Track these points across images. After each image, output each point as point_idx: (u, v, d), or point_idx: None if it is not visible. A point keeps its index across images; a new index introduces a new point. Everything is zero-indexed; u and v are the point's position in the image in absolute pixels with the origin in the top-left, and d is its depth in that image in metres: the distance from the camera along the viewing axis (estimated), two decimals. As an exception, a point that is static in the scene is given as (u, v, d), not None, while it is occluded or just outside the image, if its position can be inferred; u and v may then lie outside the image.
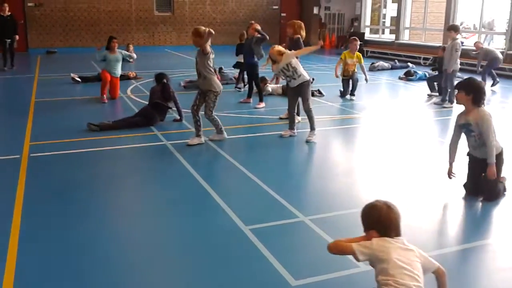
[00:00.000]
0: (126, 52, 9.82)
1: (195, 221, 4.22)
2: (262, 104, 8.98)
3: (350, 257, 2.89)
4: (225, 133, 6.67)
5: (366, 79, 10.13)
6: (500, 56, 11.73)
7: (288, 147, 6.58)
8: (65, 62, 15.99)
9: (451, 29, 9.33)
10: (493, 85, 11.38)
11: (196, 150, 6.28)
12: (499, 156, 4.63)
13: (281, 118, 7.97)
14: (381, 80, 12.99)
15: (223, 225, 4.10)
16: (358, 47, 10.09)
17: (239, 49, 10.64)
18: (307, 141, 6.65)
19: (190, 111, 6.55)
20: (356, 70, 10.08)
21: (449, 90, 9.17)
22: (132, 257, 3.60)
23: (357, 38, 10.41)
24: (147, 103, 7.91)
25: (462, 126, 4.70)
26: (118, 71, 9.65)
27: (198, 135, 6.49)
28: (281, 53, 6.70)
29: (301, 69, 6.71)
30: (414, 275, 2.56)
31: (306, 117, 6.91)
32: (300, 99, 6.93)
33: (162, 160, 5.92)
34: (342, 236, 3.11)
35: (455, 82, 9.19)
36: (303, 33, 7.88)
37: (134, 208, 4.58)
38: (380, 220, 2.68)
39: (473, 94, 4.54)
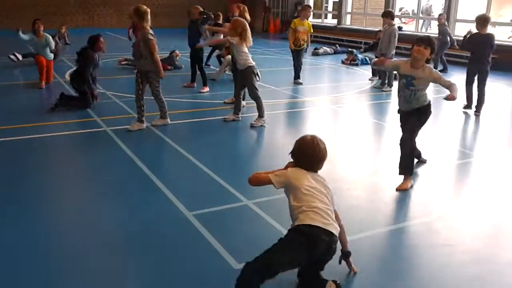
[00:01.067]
0: (51, 40, 9.28)
1: (137, 208, 4.14)
2: (206, 89, 8.89)
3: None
4: (168, 118, 6.58)
5: (305, 49, 10.03)
6: (449, 40, 11.95)
7: (232, 132, 6.57)
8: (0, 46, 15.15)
9: (387, 15, 9.56)
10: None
11: (138, 136, 6.14)
12: (427, 108, 4.76)
13: (225, 103, 7.92)
14: (324, 65, 13.18)
15: (166, 212, 4.05)
16: (310, 15, 10.00)
17: None
18: (251, 126, 6.65)
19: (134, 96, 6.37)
20: (305, 46, 9.92)
21: (387, 74, 9.43)
22: (73, 248, 3.49)
23: (310, 6, 10.31)
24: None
25: (404, 77, 4.67)
26: (50, 54, 9.22)
27: (140, 120, 6.35)
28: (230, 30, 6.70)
29: (241, 55, 6.58)
30: (323, 198, 2.89)
31: (251, 101, 6.92)
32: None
33: (102, 147, 5.75)
34: (286, 218, 3.16)
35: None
36: (248, 16, 7.85)
37: (73, 198, 4.43)
38: (304, 151, 2.99)
39: (432, 54, 4.57)
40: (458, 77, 11.59)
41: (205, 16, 8.65)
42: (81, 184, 4.73)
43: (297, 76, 10.01)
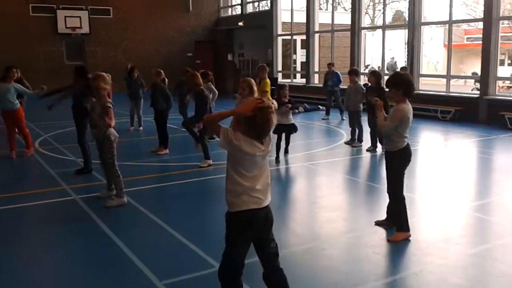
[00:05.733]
0: (20, 86, 8.73)
1: (106, 280, 3.98)
2: (165, 151, 8.90)
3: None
4: (125, 197, 5.94)
5: None
6: None
7: (207, 196, 6.47)
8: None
9: (351, 73, 9.90)
10: None
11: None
12: (395, 154, 4.65)
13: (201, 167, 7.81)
14: (297, 123, 13.32)
15: (136, 282, 3.90)
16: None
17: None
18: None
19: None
20: None
21: (357, 130, 9.58)
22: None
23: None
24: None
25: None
26: (11, 104, 8.54)
27: (118, 195, 5.93)
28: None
29: None
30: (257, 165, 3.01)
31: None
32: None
33: (71, 217, 5.59)
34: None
35: (362, 122, 9.69)
36: (198, 81, 8.00)
37: (39, 272, 4.24)
38: (257, 125, 2.92)
39: (403, 89, 4.58)
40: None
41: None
42: (45, 258, 4.53)
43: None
